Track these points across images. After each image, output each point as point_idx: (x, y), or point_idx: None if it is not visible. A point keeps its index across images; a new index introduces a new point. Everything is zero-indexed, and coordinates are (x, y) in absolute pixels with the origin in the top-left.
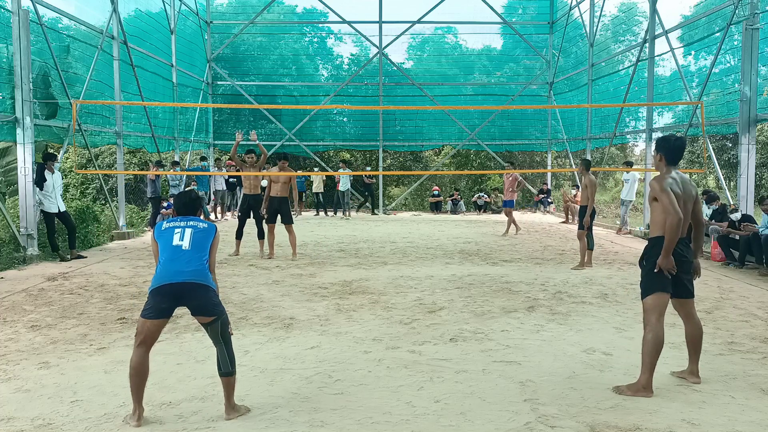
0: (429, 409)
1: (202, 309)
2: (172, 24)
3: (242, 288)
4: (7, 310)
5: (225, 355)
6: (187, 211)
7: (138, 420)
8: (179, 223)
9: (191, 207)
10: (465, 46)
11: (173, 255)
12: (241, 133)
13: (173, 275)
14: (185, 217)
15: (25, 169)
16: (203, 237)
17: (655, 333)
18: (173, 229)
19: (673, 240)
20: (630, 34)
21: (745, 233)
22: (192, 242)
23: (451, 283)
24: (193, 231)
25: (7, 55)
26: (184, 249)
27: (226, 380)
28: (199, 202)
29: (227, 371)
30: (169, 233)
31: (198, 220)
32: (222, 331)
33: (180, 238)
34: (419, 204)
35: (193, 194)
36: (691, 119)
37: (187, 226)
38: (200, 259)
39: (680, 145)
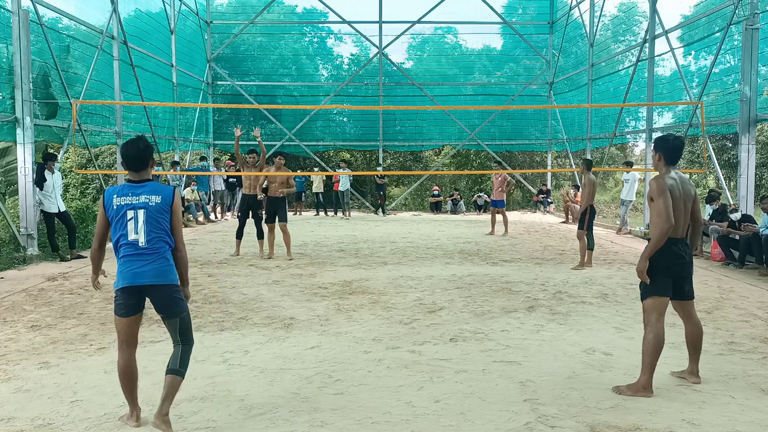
0: (429, 409)
1: (163, 307)
2: (172, 24)
3: (242, 288)
4: (7, 310)
5: (178, 354)
6: (137, 164)
7: (137, 420)
8: (130, 199)
9: (141, 159)
10: (465, 46)
11: (130, 252)
12: (240, 128)
13: (133, 277)
14: (135, 187)
15: (25, 169)
16: (160, 217)
17: (655, 333)
18: (125, 209)
19: (657, 244)
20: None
21: (745, 233)
22: (147, 232)
23: (451, 283)
24: (146, 213)
25: (7, 55)
26: (141, 246)
27: (171, 379)
28: (150, 152)
29: (177, 370)
30: (122, 217)
31: (151, 191)
32: (181, 329)
33: (135, 229)
34: (419, 204)
35: (142, 143)
36: (691, 119)
37: (139, 204)
38: (159, 252)
39: (679, 144)
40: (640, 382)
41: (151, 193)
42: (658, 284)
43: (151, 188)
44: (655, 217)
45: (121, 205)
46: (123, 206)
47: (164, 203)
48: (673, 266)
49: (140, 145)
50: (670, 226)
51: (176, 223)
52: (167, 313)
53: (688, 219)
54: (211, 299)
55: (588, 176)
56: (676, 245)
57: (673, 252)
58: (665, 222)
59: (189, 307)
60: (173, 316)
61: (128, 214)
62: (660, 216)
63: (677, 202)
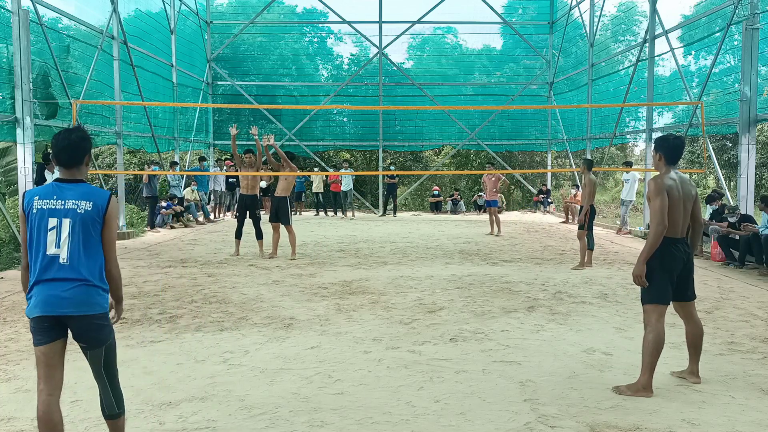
0: (429, 409)
1: (84, 337)
2: (172, 24)
3: (242, 288)
4: (7, 310)
5: (108, 393)
6: (69, 160)
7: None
8: (55, 203)
9: (75, 153)
10: (465, 46)
11: (47, 270)
12: (236, 126)
13: (49, 305)
14: (64, 188)
15: (25, 169)
16: (86, 230)
17: (656, 333)
18: (46, 215)
19: (652, 247)
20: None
21: (745, 233)
22: (71, 247)
23: (451, 283)
24: (71, 224)
25: (7, 55)
26: (62, 263)
27: (113, 424)
28: (86, 145)
29: (112, 413)
30: (42, 223)
31: (81, 195)
32: (105, 362)
33: (56, 242)
34: (419, 204)
35: (76, 134)
36: (691, 119)
37: (64, 211)
38: (83, 272)
39: (680, 144)
40: (640, 382)
41: (82, 197)
42: (659, 291)
43: (82, 191)
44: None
45: (43, 210)
46: (45, 211)
47: (96, 211)
48: (674, 266)
49: (74, 135)
50: (664, 227)
51: (108, 236)
52: (89, 343)
53: (688, 219)
54: (211, 299)
55: (588, 176)
56: (676, 245)
57: (673, 252)
58: (659, 224)
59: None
60: (96, 347)
61: (50, 222)
62: (654, 217)
63: (677, 203)
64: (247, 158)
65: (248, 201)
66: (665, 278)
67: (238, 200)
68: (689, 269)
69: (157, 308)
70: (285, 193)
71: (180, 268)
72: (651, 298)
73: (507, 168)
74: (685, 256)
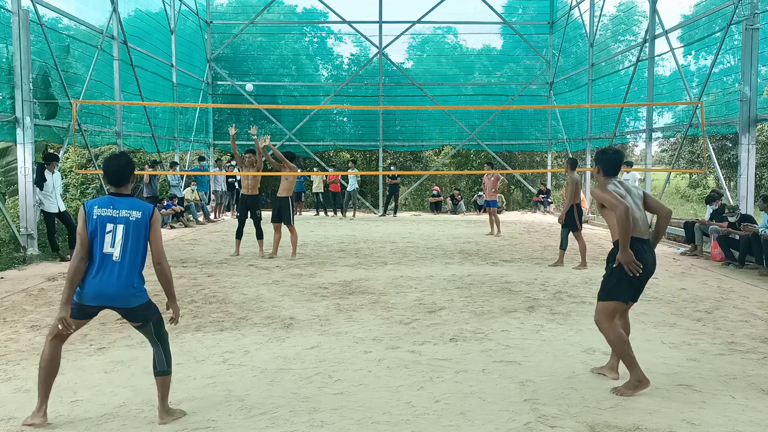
0: (429, 409)
1: (129, 316)
2: (172, 24)
3: (242, 288)
4: (7, 310)
5: (161, 354)
6: (119, 180)
7: (43, 417)
8: (111, 212)
9: (124, 175)
10: (465, 46)
11: (102, 266)
12: (234, 126)
13: (98, 297)
14: (117, 200)
15: (25, 169)
16: (137, 234)
17: (614, 332)
18: (105, 221)
19: (626, 231)
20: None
21: (745, 233)
22: (123, 247)
23: (451, 283)
24: (125, 228)
25: (7, 55)
26: (115, 260)
27: (161, 380)
28: (131, 168)
29: (162, 370)
30: (101, 227)
31: (131, 206)
32: (156, 331)
33: (111, 242)
34: (419, 204)
35: (123, 159)
36: (691, 119)
37: (119, 218)
38: (132, 271)
39: (618, 157)
40: (633, 378)
41: (132, 208)
42: (622, 288)
43: (131, 203)
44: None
45: (102, 216)
46: (104, 218)
47: (144, 219)
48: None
49: (122, 161)
50: (626, 207)
51: (156, 237)
52: (138, 323)
53: (645, 217)
54: (211, 299)
55: (572, 175)
56: (642, 245)
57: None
58: (620, 206)
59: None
60: (144, 325)
61: (107, 226)
62: (612, 206)
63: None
64: (248, 158)
65: (249, 201)
66: (628, 277)
67: (240, 200)
68: (650, 274)
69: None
70: (287, 193)
71: (180, 268)
72: (611, 294)
73: (507, 168)
74: (651, 258)
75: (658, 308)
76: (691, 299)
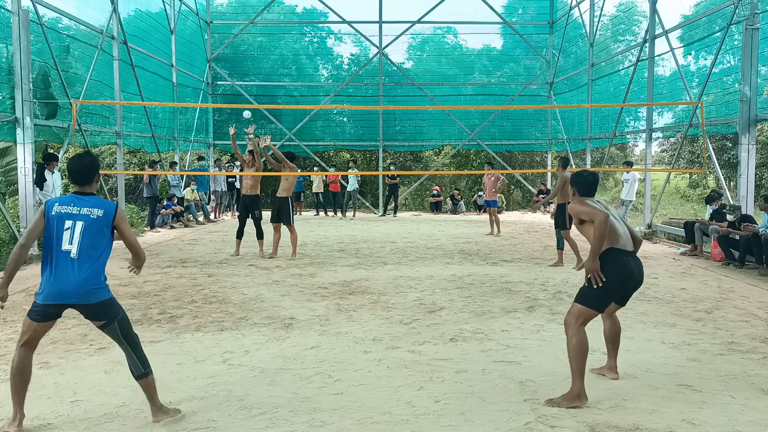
0: (429, 409)
1: (91, 315)
2: (172, 24)
3: (242, 288)
4: (7, 310)
5: (133, 357)
6: (82, 179)
7: (19, 425)
8: (72, 209)
9: (87, 174)
10: (465, 46)
11: (59, 264)
12: (234, 126)
13: (58, 295)
14: (80, 199)
15: (25, 169)
16: (96, 231)
17: (579, 337)
18: (64, 218)
19: (601, 239)
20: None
21: (745, 233)
22: (81, 245)
23: (451, 283)
24: (84, 225)
25: (7, 55)
26: (72, 257)
27: (143, 383)
28: (95, 167)
29: (140, 373)
30: (59, 224)
31: (94, 204)
32: (122, 332)
33: (69, 239)
34: (419, 204)
35: (87, 158)
36: (691, 119)
37: (79, 216)
38: (90, 267)
39: (592, 179)
40: (574, 390)
41: (94, 206)
42: (600, 298)
43: (94, 202)
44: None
45: (62, 213)
46: (63, 215)
47: (106, 218)
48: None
49: (85, 160)
50: (606, 215)
51: (127, 236)
52: (101, 322)
53: (627, 230)
54: (211, 299)
55: (563, 174)
56: (628, 257)
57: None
58: (599, 214)
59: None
60: (109, 324)
61: (66, 223)
62: (591, 215)
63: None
64: (248, 157)
65: (248, 201)
66: (613, 287)
67: (240, 200)
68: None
69: (157, 308)
70: (286, 193)
71: (180, 268)
72: (588, 301)
73: (507, 168)
74: (637, 269)
75: (658, 308)
76: (691, 299)
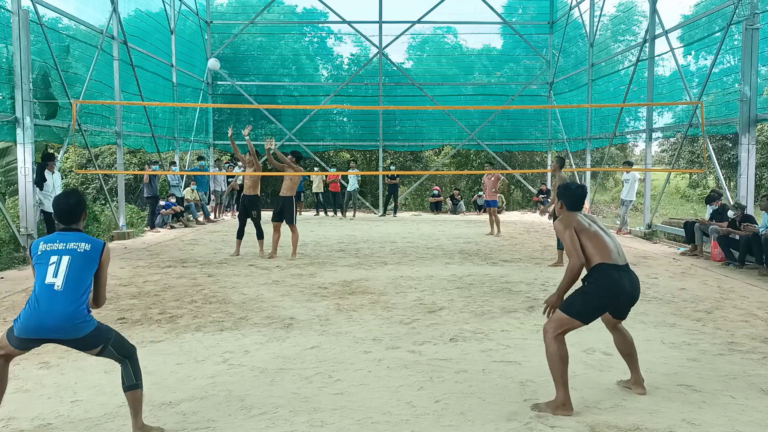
0: (429, 409)
1: (82, 347)
2: (172, 24)
3: (242, 288)
4: (7, 310)
5: (128, 369)
6: (68, 219)
7: None
8: (57, 245)
9: (73, 214)
10: (465, 46)
11: (42, 296)
12: (232, 128)
13: (37, 330)
14: (65, 235)
15: (25, 169)
16: (83, 265)
17: (556, 345)
18: (50, 254)
19: (570, 283)
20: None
21: (745, 233)
22: (67, 278)
23: (451, 283)
24: (70, 259)
25: (7, 55)
26: (57, 290)
27: (131, 395)
28: (82, 207)
29: (131, 384)
30: (44, 260)
31: (80, 239)
32: (119, 351)
33: (54, 273)
34: (419, 204)
35: (74, 198)
36: (691, 119)
37: (65, 251)
38: (74, 301)
39: (581, 193)
40: (558, 398)
41: (81, 240)
42: (588, 310)
43: (81, 237)
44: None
45: (47, 251)
46: (49, 252)
47: (93, 254)
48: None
49: (71, 200)
50: (581, 263)
51: (101, 277)
52: (95, 350)
53: (617, 243)
54: (211, 299)
55: (560, 174)
56: (619, 272)
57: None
58: (575, 258)
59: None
60: (104, 349)
61: (51, 258)
62: (569, 253)
63: (595, 232)
64: (248, 158)
65: (248, 201)
66: (603, 302)
67: (240, 200)
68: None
69: (157, 308)
70: (290, 192)
71: (180, 268)
72: (573, 311)
73: (507, 168)
74: (629, 284)
75: (658, 308)
76: (691, 299)
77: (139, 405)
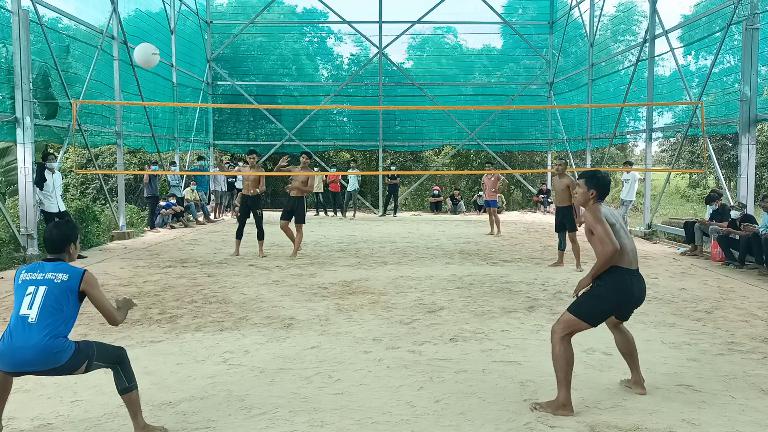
0: (429, 409)
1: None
2: (172, 24)
3: (242, 288)
4: (7, 310)
5: (120, 374)
6: (53, 248)
7: None
8: (36, 275)
9: (58, 244)
10: (465, 46)
11: (16, 330)
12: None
13: (12, 364)
14: (46, 265)
15: (25, 169)
16: (60, 296)
17: (563, 346)
18: (28, 285)
19: (603, 267)
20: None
21: (745, 233)
22: (42, 309)
23: (451, 283)
24: (46, 290)
25: (7, 55)
26: (30, 322)
27: (127, 398)
28: (69, 239)
29: (124, 387)
30: (22, 291)
31: (59, 269)
32: (106, 361)
33: (29, 304)
34: (419, 204)
35: (62, 229)
36: (691, 119)
37: (42, 281)
38: (50, 333)
39: (608, 181)
40: (559, 399)
41: (59, 271)
42: (596, 313)
43: (59, 267)
44: (598, 245)
45: (26, 280)
46: (27, 282)
47: (71, 283)
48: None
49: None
50: (615, 248)
51: (98, 298)
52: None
53: (634, 245)
54: (211, 299)
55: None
56: (631, 277)
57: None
58: (609, 245)
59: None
60: (90, 365)
61: (28, 288)
62: (602, 241)
63: (618, 230)
64: (250, 159)
65: (250, 201)
66: (612, 306)
67: (241, 201)
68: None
69: (157, 308)
70: (301, 192)
71: (180, 268)
72: (581, 313)
73: (507, 168)
74: (638, 290)
75: (658, 308)
76: (691, 299)
77: (137, 406)
